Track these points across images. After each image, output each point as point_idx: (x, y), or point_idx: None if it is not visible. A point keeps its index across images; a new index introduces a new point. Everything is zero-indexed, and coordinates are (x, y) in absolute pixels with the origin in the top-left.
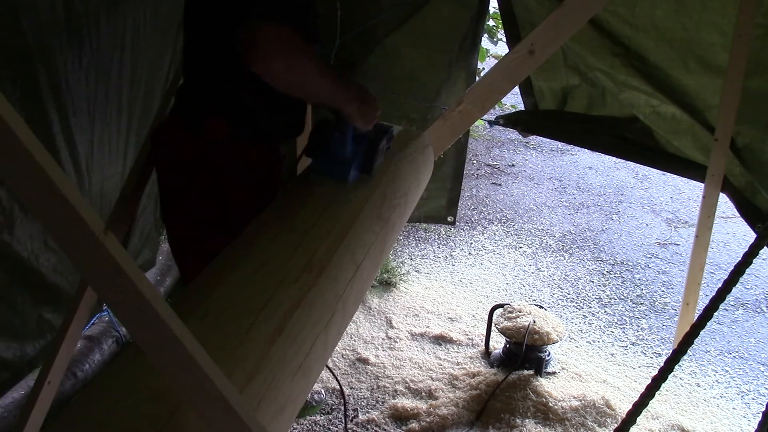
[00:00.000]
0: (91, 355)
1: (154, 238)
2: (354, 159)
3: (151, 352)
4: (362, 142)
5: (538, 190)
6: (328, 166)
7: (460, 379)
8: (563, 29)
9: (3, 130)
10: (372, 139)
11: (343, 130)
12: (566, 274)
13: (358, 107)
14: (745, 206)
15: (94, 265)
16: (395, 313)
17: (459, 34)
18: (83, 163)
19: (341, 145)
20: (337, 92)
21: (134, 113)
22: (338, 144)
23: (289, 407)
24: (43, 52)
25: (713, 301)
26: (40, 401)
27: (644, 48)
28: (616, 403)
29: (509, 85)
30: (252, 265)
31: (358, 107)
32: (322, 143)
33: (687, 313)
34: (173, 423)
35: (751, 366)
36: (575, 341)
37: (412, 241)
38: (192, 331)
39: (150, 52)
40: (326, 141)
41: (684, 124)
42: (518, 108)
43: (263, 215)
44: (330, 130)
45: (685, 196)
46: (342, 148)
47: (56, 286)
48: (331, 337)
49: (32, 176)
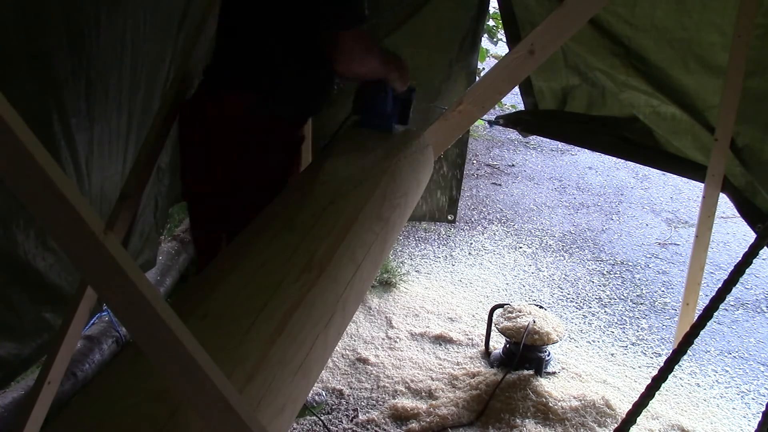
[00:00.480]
0: (91, 355)
1: (154, 238)
2: (393, 114)
3: (151, 352)
4: (398, 101)
5: (538, 190)
6: (375, 121)
7: (460, 379)
8: (563, 29)
9: (3, 130)
10: (405, 99)
11: (386, 91)
12: (566, 274)
13: (399, 75)
14: (745, 206)
15: (94, 265)
16: (395, 313)
17: (459, 34)
18: (83, 163)
19: (384, 103)
20: (387, 69)
21: (134, 113)
22: (382, 102)
23: (289, 407)
24: (43, 52)
25: (713, 301)
26: (40, 401)
27: (644, 48)
28: (616, 403)
29: (509, 85)
30: (252, 265)
31: (399, 75)
32: (368, 102)
33: (687, 313)
34: (173, 423)
35: (751, 366)
36: (575, 341)
37: (412, 241)
38: (192, 331)
39: (150, 52)
40: (372, 100)
41: (684, 124)
42: (518, 108)
43: (263, 215)
44: (373, 91)
45: (685, 196)
46: (385, 106)
47: (54, 285)
48: (331, 337)
49: (32, 176)
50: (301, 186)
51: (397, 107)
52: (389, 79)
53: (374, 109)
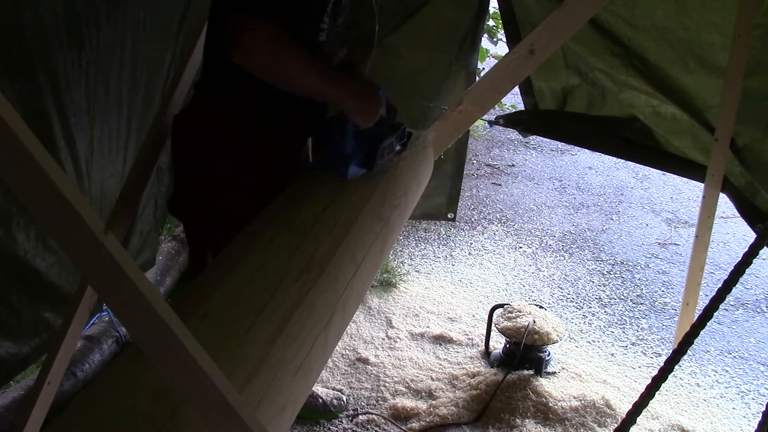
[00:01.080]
0: (91, 355)
1: (154, 238)
2: (353, 155)
3: (151, 352)
4: (365, 139)
5: (538, 190)
6: (328, 162)
7: (460, 379)
8: (563, 29)
9: (3, 130)
10: (375, 136)
11: (342, 126)
12: (566, 274)
13: (356, 103)
14: (745, 206)
15: (94, 265)
16: (395, 313)
17: (459, 34)
18: (83, 163)
19: (341, 141)
20: (325, 87)
21: (134, 113)
22: (338, 140)
23: (289, 407)
24: (43, 52)
25: (713, 301)
26: (40, 401)
27: (644, 48)
28: (616, 403)
29: (509, 85)
30: (252, 265)
31: (355, 103)
32: (324, 139)
33: (687, 313)
34: (173, 423)
35: (751, 366)
36: (575, 341)
37: (412, 241)
38: (192, 331)
39: (150, 52)
40: (328, 137)
41: (684, 124)
42: (518, 108)
43: (263, 215)
44: (332, 126)
45: (685, 196)
46: (341, 144)
47: (54, 284)
48: (331, 337)
49: (32, 176)
50: (301, 186)
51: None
52: (345, 110)
53: (329, 147)
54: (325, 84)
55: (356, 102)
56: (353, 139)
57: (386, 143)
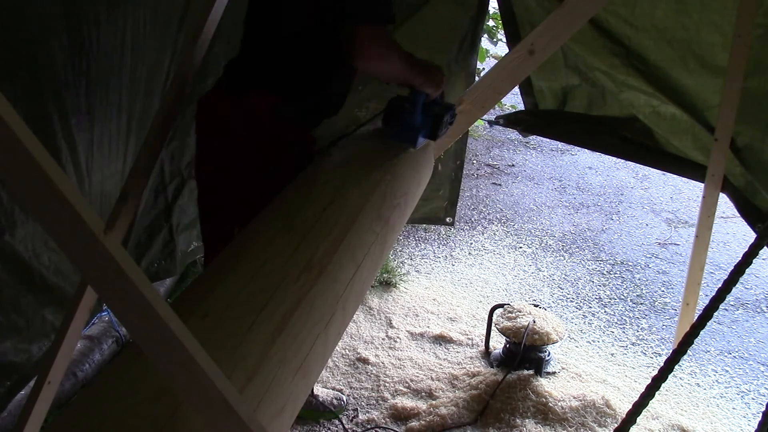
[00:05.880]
0: (91, 355)
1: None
2: (421, 127)
3: (151, 352)
4: (429, 114)
5: (538, 190)
6: (399, 132)
7: (460, 379)
8: (563, 29)
9: (3, 130)
10: (436, 113)
11: (413, 102)
12: (566, 274)
13: (428, 78)
14: (745, 206)
15: (94, 265)
16: (395, 313)
17: (458, 35)
18: (83, 163)
19: (411, 116)
20: (413, 72)
21: (134, 113)
22: (408, 114)
23: (289, 407)
24: (43, 52)
25: (713, 301)
26: (40, 401)
27: (644, 48)
28: (616, 403)
29: (509, 85)
30: (252, 265)
31: (428, 78)
32: (395, 113)
33: (687, 313)
34: (173, 423)
35: (751, 366)
36: (575, 341)
37: (412, 241)
38: (192, 331)
39: (150, 52)
40: (399, 111)
41: (684, 124)
42: (518, 108)
43: (263, 215)
44: (403, 102)
45: (685, 196)
46: (412, 118)
47: (58, 286)
48: (331, 337)
49: (32, 176)
50: (301, 186)
51: (428, 120)
52: (419, 85)
53: (400, 120)
54: (413, 70)
55: (428, 77)
56: (421, 114)
57: (446, 119)
